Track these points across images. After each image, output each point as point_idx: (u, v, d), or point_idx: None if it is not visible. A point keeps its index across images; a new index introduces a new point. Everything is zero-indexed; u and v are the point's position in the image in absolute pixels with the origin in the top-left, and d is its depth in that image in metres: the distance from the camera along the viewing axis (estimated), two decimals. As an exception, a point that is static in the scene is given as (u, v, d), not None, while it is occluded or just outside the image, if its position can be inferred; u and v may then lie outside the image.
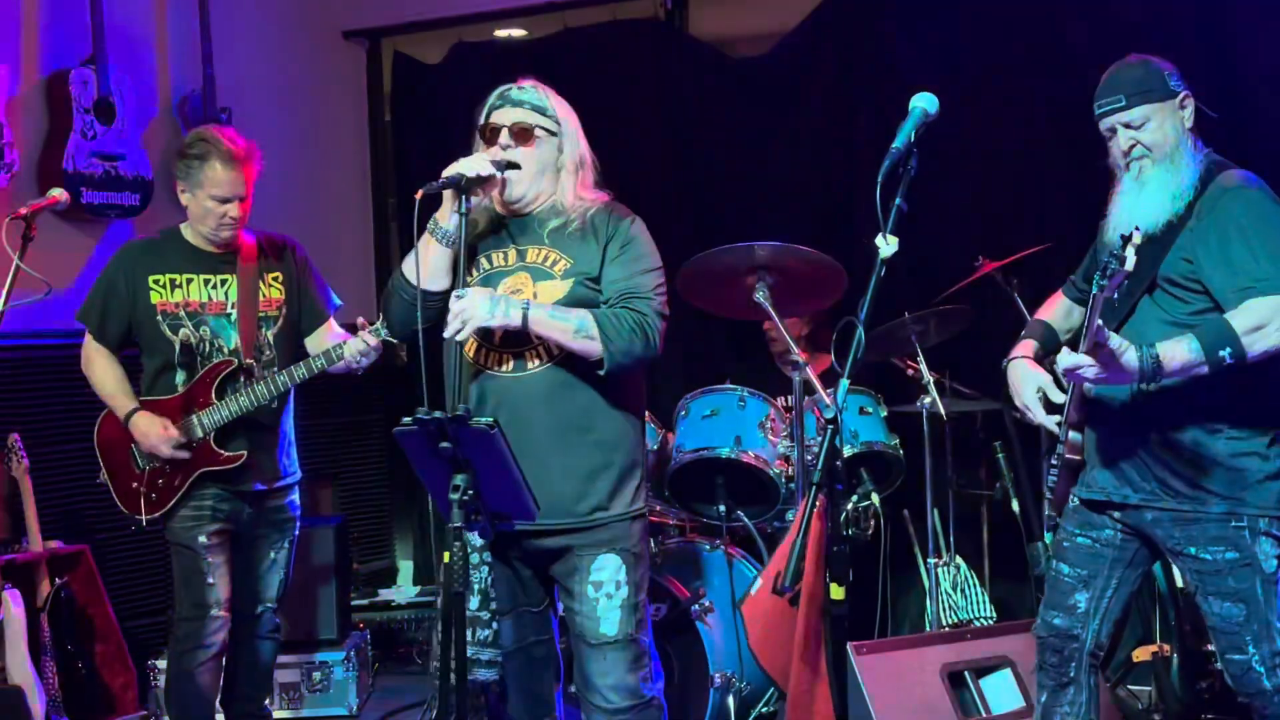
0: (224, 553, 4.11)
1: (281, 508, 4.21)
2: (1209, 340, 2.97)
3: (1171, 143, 3.20)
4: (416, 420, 2.96)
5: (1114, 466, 3.27)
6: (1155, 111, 3.20)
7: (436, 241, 3.32)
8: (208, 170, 3.98)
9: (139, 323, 4.08)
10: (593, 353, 3.24)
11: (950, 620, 4.74)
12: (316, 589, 5.30)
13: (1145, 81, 3.21)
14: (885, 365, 5.14)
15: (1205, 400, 3.14)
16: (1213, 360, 2.97)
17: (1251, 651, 3.13)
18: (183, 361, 4.05)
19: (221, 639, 4.11)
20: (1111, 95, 3.23)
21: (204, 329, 4.07)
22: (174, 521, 4.08)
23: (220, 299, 4.10)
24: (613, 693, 3.35)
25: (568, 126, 3.40)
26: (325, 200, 6.64)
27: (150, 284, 4.07)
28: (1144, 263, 3.19)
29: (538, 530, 3.30)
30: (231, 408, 4.01)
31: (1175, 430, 3.17)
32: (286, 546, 4.23)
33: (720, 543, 4.65)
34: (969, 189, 5.75)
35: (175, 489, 4.04)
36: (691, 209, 6.31)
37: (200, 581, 4.06)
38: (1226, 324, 2.99)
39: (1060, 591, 3.38)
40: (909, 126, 2.91)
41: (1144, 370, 2.95)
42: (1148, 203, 3.19)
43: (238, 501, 4.11)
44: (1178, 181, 3.18)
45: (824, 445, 2.71)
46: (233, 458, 4.04)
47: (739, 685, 4.33)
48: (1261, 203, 3.11)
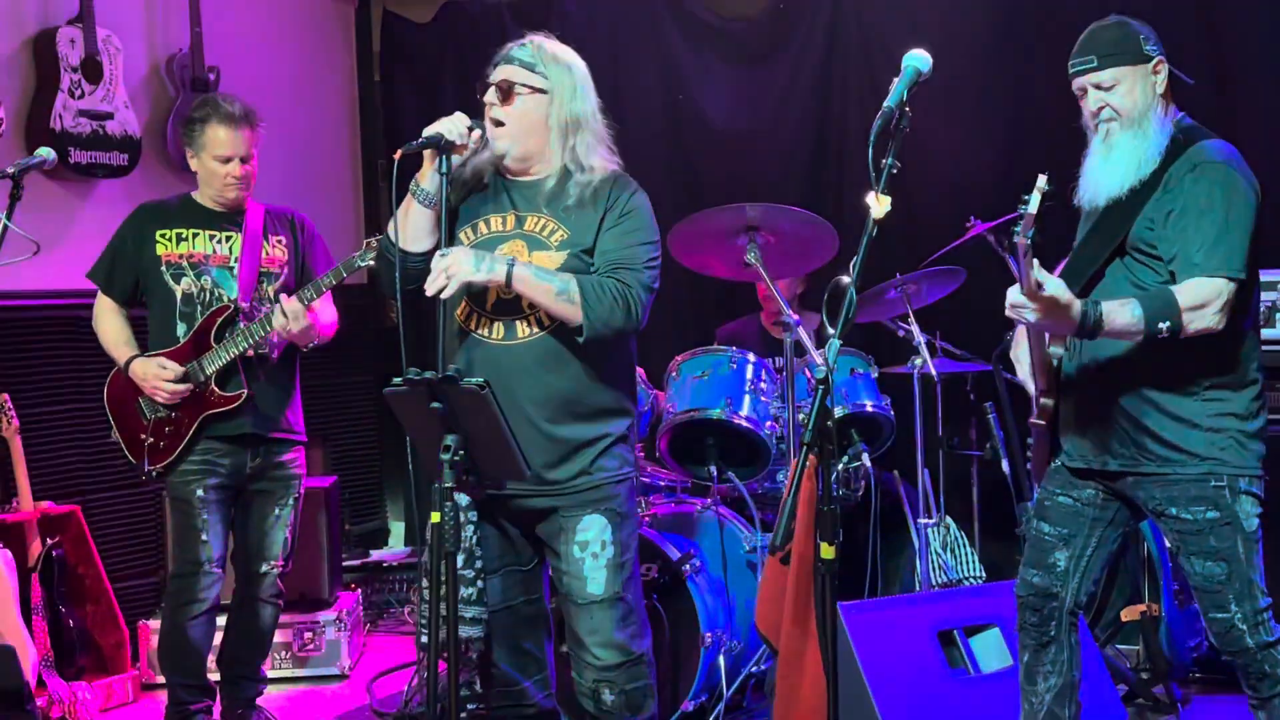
0: (221, 510, 4.17)
1: (284, 465, 4.27)
2: (1151, 311, 2.99)
3: (1140, 108, 3.18)
4: (407, 380, 2.96)
5: (1092, 434, 3.28)
6: (1126, 75, 3.18)
7: (418, 203, 3.31)
8: (209, 131, 4.13)
9: (145, 273, 4.19)
10: (572, 318, 3.23)
11: (940, 580, 4.75)
12: (308, 550, 5.29)
13: (1119, 44, 3.18)
14: (877, 326, 5.14)
15: (1181, 364, 3.15)
16: (1150, 330, 2.99)
17: (1234, 610, 3.14)
18: (184, 312, 4.15)
19: (214, 595, 4.17)
20: (1084, 55, 3.21)
21: (205, 279, 4.17)
22: (174, 475, 4.15)
23: (224, 253, 4.20)
24: (602, 650, 3.37)
25: (560, 84, 3.35)
26: (314, 160, 6.60)
27: (157, 237, 4.19)
28: (1112, 226, 3.22)
29: (525, 492, 3.31)
30: (230, 350, 4.08)
31: (1151, 395, 3.18)
32: (290, 504, 4.29)
33: (711, 503, 4.66)
34: (961, 149, 5.75)
35: (181, 436, 4.12)
36: (683, 169, 6.30)
37: (194, 537, 4.12)
38: (1172, 297, 3.00)
39: (1041, 550, 3.39)
40: (901, 85, 2.89)
41: (1085, 325, 2.97)
42: (1113, 168, 3.19)
43: (240, 454, 4.17)
44: (1144, 148, 3.17)
45: (814, 405, 2.71)
46: (233, 397, 4.11)
47: (730, 644, 4.35)
48: (1228, 183, 3.09)
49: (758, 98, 6.20)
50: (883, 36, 5.87)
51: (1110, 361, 3.21)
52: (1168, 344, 3.11)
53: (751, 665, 4.43)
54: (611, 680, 3.39)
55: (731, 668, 4.34)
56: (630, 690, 3.40)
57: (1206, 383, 3.16)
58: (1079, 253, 3.29)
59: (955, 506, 5.05)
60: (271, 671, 5.12)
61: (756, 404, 4.61)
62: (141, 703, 4.90)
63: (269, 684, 4.55)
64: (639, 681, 3.42)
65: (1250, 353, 3.20)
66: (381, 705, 4.87)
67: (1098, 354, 3.24)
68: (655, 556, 4.35)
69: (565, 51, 3.42)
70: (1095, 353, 3.24)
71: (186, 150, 4.22)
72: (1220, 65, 5.28)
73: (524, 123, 3.34)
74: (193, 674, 4.23)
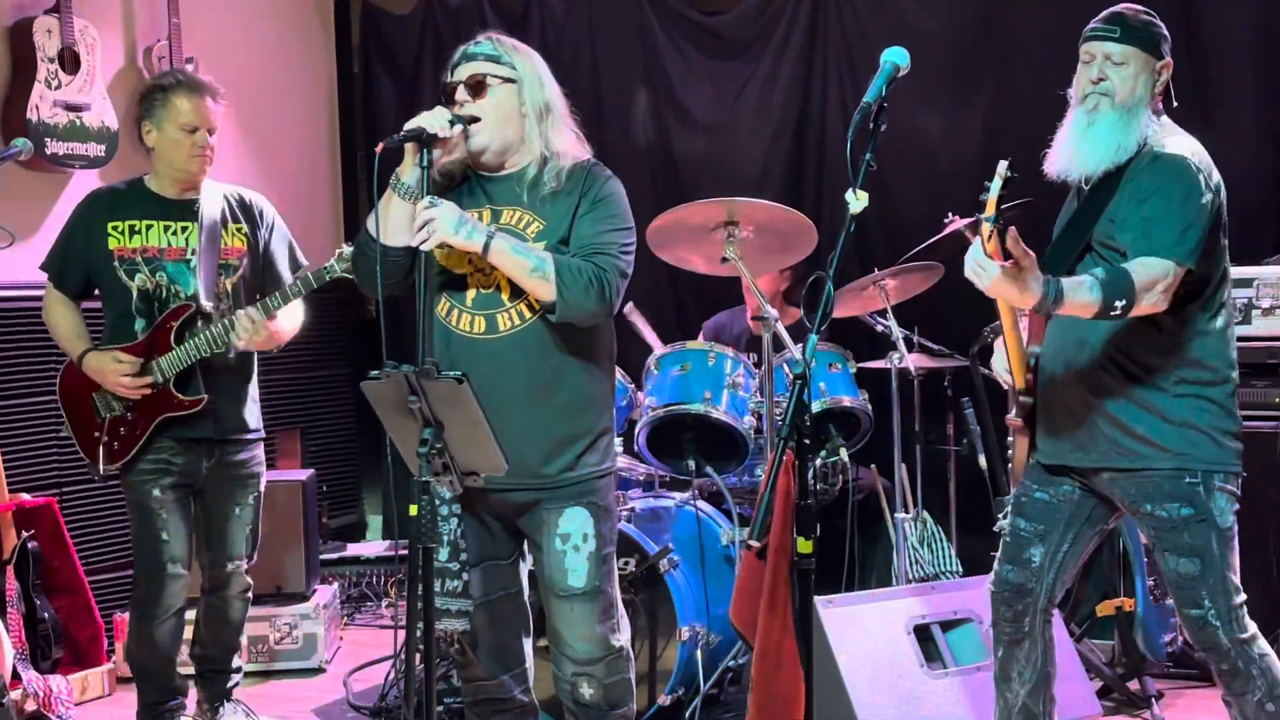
0: (180, 510, 4.10)
1: (243, 462, 4.19)
2: (1110, 291, 2.97)
3: (1135, 97, 3.18)
4: (384, 373, 2.95)
5: (1067, 430, 3.29)
6: (1137, 59, 3.18)
7: (399, 197, 3.29)
8: (174, 100, 4.00)
9: (97, 269, 4.07)
10: (545, 295, 3.23)
11: (917, 575, 4.77)
12: (285, 543, 5.28)
13: (1144, 29, 3.20)
14: (855, 321, 5.15)
15: (1156, 361, 3.17)
16: (1106, 308, 2.98)
17: (1208, 606, 3.15)
18: (140, 309, 4.04)
19: (180, 598, 4.12)
20: (1109, 24, 3.20)
21: (161, 275, 4.04)
22: (131, 475, 4.07)
23: (179, 245, 4.07)
24: (581, 643, 3.37)
25: (527, 72, 3.36)
26: (292, 153, 6.58)
27: (109, 230, 4.06)
28: (1081, 222, 3.23)
29: (505, 486, 3.30)
30: (190, 351, 3.98)
31: (1127, 391, 3.19)
32: (251, 502, 4.22)
33: (689, 498, 4.67)
34: (940, 145, 5.76)
35: (136, 438, 4.02)
36: (663, 163, 6.30)
37: (154, 539, 4.06)
38: (1129, 277, 2.99)
39: (1016, 545, 3.39)
40: (880, 81, 2.90)
41: (1044, 301, 2.94)
42: (1091, 145, 3.18)
43: (196, 455, 4.09)
44: (1125, 134, 3.17)
45: (792, 400, 2.72)
46: (193, 402, 4.01)
47: (707, 639, 4.36)
48: (1183, 173, 3.09)
49: (737, 92, 6.20)
50: (863, 31, 5.88)
51: (1086, 359, 3.23)
52: (1143, 341, 3.14)
53: (729, 659, 4.44)
54: (591, 674, 3.39)
55: (709, 661, 4.35)
56: (609, 684, 3.40)
57: (1181, 379, 3.17)
58: (1057, 244, 3.30)
59: (932, 501, 5.06)
60: (247, 665, 5.09)
61: (735, 399, 4.61)
62: (116, 696, 4.88)
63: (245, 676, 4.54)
64: (618, 675, 3.43)
65: (1225, 349, 3.21)
66: (358, 699, 4.87)
67: (1073, 351, 3.25)
68: (633, 550, 4.35)
69: (520, 43, 3.43)
70: (1071, 350, 3.25)
71: (143, 125, 4.06)
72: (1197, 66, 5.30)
73: (500, 114, 3.34)
74: (162, 675, 4.19)
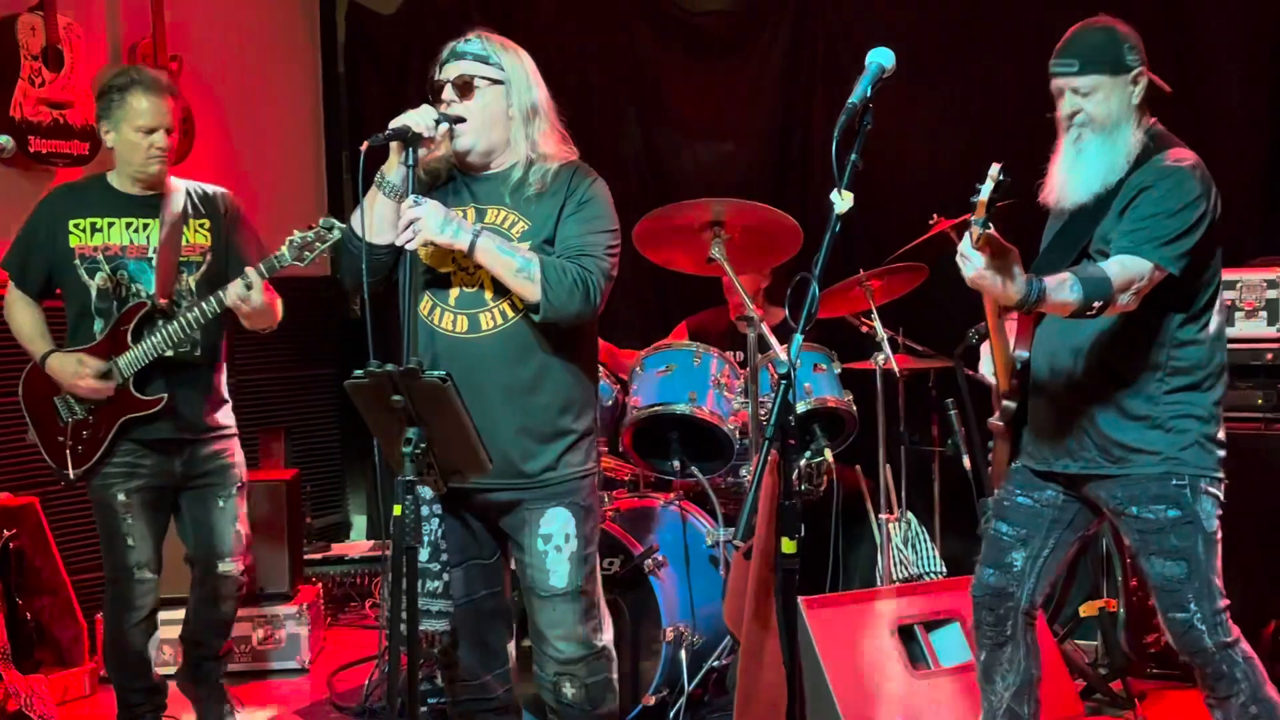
0: (146, 513, 4.03)
1: (217, 455, 4.11)
2: (1089, 291, 2.97)
3: (1114, 118, 3.18)
4: (368, 373, 2.94)
5: (1053, 436, 3.29)
6: (1104, 84, 3.18)
7: (383, 195, 3.29)
8: (130, 100, 3.92)
9: (58, 268, 4.02)
10: (530, 296, 3.22)
11: (901, 575, 4.77)
12: (268, 543, 5.27)
13: (1102, 51, 3.18)
14: (840, 322, 5.15)
15: (1144, 367, 3.17)
16: (1083, 307, 2.98)
17: (1193, 609, 3.15)
18: (100, 308, 3.98)
19: (150, 601, 4.06)
20: (1067, 58, 3.21)
21: (122, 273, 3.98)
22: (95, 478, 4.01)
23: (141, 243, 4.01)
24: (563, 643, 3.37)
25: (516, 74, 3.36)
26: (278, 152, 6.57)
27: (70, 228, 4.00)
28: (1077, 231, 3.23)
29: (488, 486, 3.30)
30: (148, 350, 3.92)
31: (1114, 397, 3.20)
32: (233, 494, 4.14)
33: (674, 498, 4.67)
34: (925, 145, 5.77)
35: (100, 441, 3.97)
36: (649, 162, 6.30)
37: (120, 544, 4.01)
38: (1108, 279, 2.99)
39: (998, 549, 3.40)
40: (865, 82, 2.90)
41: (1026, 299, 2.93)
42: (1081, 173, 3.20)
43: (165, 456, 4.04)
44: (1113, 156, 3.18)
45: (777, 400, 2.72)
46: (152, 402, 3.95)
47: (691, 639, 4.35)
48: (1179, 183, 3.08)
49: (724, 92, 6.21)
50: (849, 31, 5.89)
51: (1076, 365, 3.23)
52: (1133, 348, 3.14)
53: (713, 659, 4.44)
54: (572, 674, 3.39)
55: (693, 662, 4.34)
56: (591, 684, 3.40)
57: (1169, 385, 3.17)
58: (1046, 255, 3.31)
59: (916, 502, 5.07)
60: (231, 665, 5.08)
61: (720, 399, 4.61)
62: (98, 696, 4.87)
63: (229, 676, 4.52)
64: (600, 675, 3.43)
65: (1213, 356, 3.21)
66: (342, 699, 4.86)
67: (1063, 357, 3.25)
68: (618, 550, 4.35)
69: (509, 41, 3.42)
70: (1061, 356, 3.26)
71: (101, 126, 3.98)
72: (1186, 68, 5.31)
73: (486, 115, 3.33)
74: (139, 676, 4.14)
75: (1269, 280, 4.69)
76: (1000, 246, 2.85)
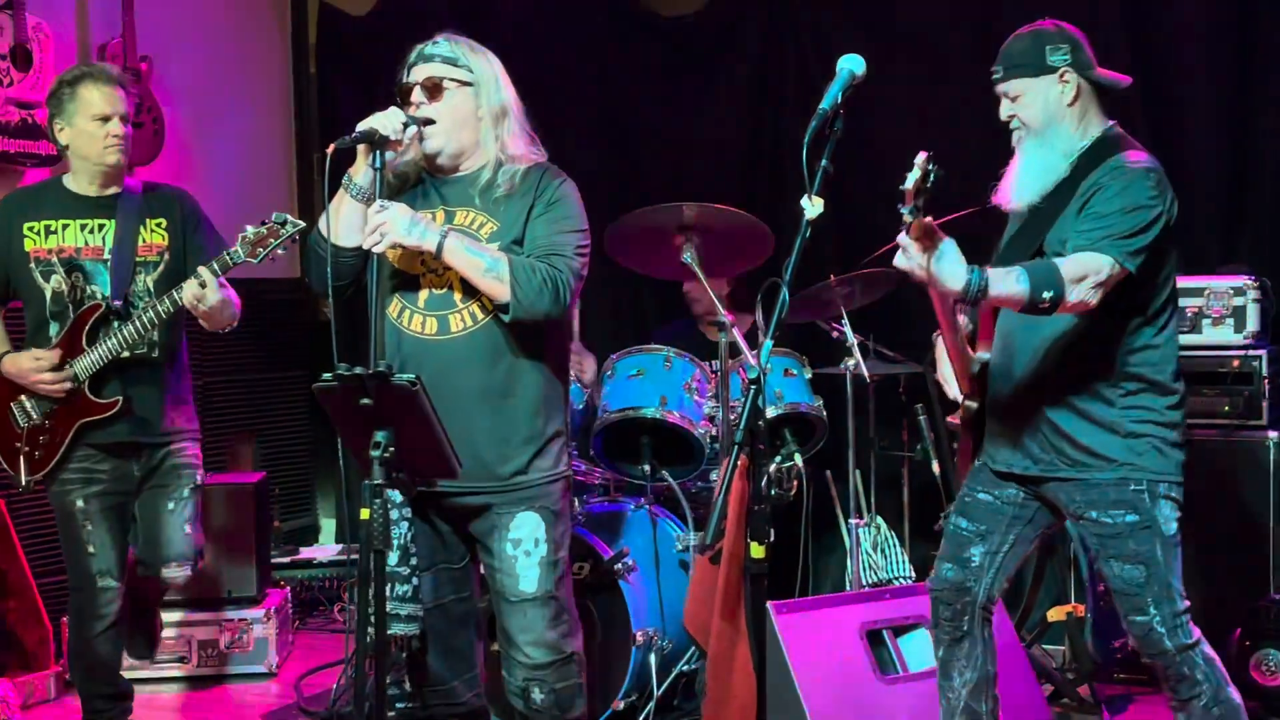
0: (107, 520, 3.98)
1: (173, 461, 4.05)
2: (1037, 281, 2.96)
3: (1043, 119, 3.21)
4: (337, 376, 2.93)
5: (1013, 438, 3.31)
6: (1029, 86, 3.21)
7: (351, 197, 3.28)
8: (83, 92, 3.89)
9: (15, 272, 3.97)
10: (499, 295, 3.22)
11: (870, 580, 4.79)
12: (236, 546, 5.25)
13: (1023, 55, 3.21)
14: (810, 327, 5.17)
15: (1102, 370, 3.18)
16: (1034, 299, 2.96)
17: (1153, 613, 3.17)
18: (55, 312, 3.94)
19: (114, 609, 4.00)
20: (996, 64, 3.27)
21: (77, 275, 3.93)
22: (54, 484, 3.97)
23: (97, 244, 3.96)
24: (532, 648, 3.36)
25: (484, 75, 3.36)
26: (248, 154, 6.54)
27: (25, 231, 3.95)
28: (1030, 231, 3.25)
29: (458, 490, 3.29)
30: (104, 352, 3.87)
31: (1072, 401, 3.21)
32: (187, 495, 4.06)
33: (645, 502, 4.67)
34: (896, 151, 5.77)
35: (57, 445, 3.92)
36: (620, 167, 6.29)
37: (80, 550, 3.96)
38: (1056, 269, 2.99)
39: (957, 544, 3.42)
40: (836, 88, 2.91)
41: (968, 290, 2.91)
42: (1021, 177, 3.24)
43: (123, 461, 3.99)
44: (1047, 158, 3.20)
45: (746, 405, 2.72)
46: (108, 405, 3.90)
47: (661, 644, 4.35)
48: (1134, 183, 3.09)
49: (694, 97, 6.21)
50: (820, 37, 5.90)
51: (1034, 369, 3.25)
52: (1090, 352, 3.16)
53: (682, 664, 4.44)
54: (542, 679, 3.38)
55: (662, 666, 4.35)
56: (560, 689, 3.39)
57: (1127, 389, 3.19)
58: (1001, 256, 3.32)
59: (886, 507, 5.08)
60: (198, 669, 5.08)
61: (691, 403, 4.61)
62: (64, 700, 4.83)
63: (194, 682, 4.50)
64: (569, 680, 3.42)
65: (1170, 360, 3.23)
66: (309, 704, 4.84)
67: (1022, 360, 3.27)
68: (588, 555, 4.35)
69: (477, 44, 3.43)
70: (1019, 359, 3.27)
71: (55, 124, 3.92)
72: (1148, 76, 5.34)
73: (455, 117, 3.33)
74: (105, 683, 4.10)
75: (1235, 288, 4.72)
76: (932, 233, 2.83)
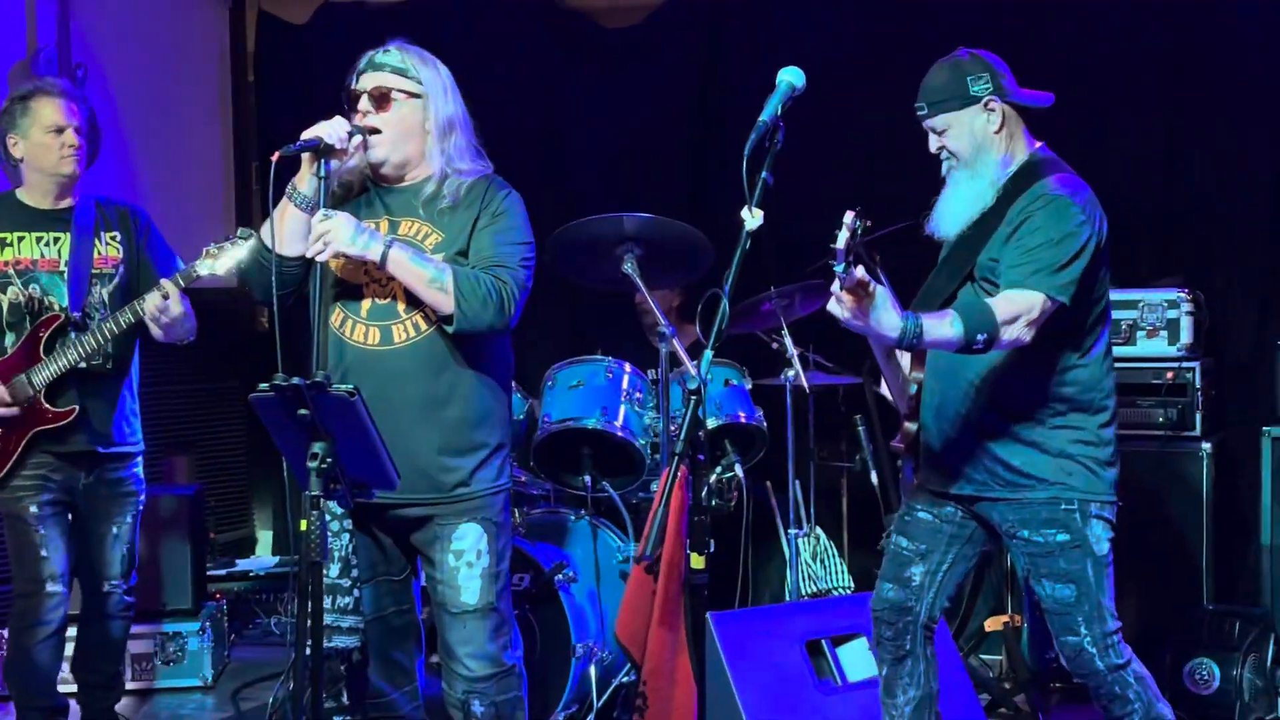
0: (59, 525, 4.01)
1: (121, 479, 4.11)
2: (971, 325, 2.97)
3: (971, 149, 3.24)
4: (274, 386, 2.91)
5: (947, 460, 3.33)
6: (954, 120, 3.24)
7: (295, 206, 3.26)
8: (35, 106, 3.98)
9: None
10: (443, 307, 3.21)
11: (809, 590, 4.80)
12: (170, 558, 5.20)
13: (945, 89, 3.24)
14: (751, 338, 5.18)
15: (1033, 392, 3.21)
16: (968, 341, 2.97)
17: (1084, 633, 3.19)
18: (11, 322, 3.96)
19: (60, 616, 4.01)
20: (920, 101, 3.29)
21: (34, 286, 3.97)
22: (4, 491, 3.96)
23: (53, 256, 4.01)
24: (473, 660, 3.35)
25: (434, 88, 3.35)
26: (185, 163, 6.48)
27: None
28: (961, 257, 3.28)
29: (399, 501, 3.28)
30: (60, 362, 3.89)
31: (1003, 423, 3.23)
32: (129, 521, 4.14)
33: (585, 513, 4.66)
34: (835, 164, 5.82)
35: (9, 453, 3.93)
36: (561, 179, 6.29)
37: (33, 555, 3.96)
38: (990, 311, 3.00)
39: (898, 564, 3.43)
40: (775, 100, 2.93)
41: (904, 338, 2.91)
42: (951, 206, 3.28)
43: (72, 470, 4.01)
44: (978, 187, 3.24)
45: (687, 416, 2.72)
46: (63, 414, 3.93)
47: (601, 655, 4.35)
48: (1062, 212, 3.10)
49: (634, 107, 6.22)
50: (761, 48, 5.93)
51: (963, 391, 3.27)
52: (1019, 373, 3.18)
53: (622, 675, 4.43)
54: (482, 692, 3.36)
55: (602, 678, 4.34)
56: (500, 702, 3.38)
57: (1056, 409, 3.21)
58: (932, 281, 3.35)
59: (825, 517, 5.10)
60: (132, 682, 5.00)
61: (632, 414, 4.61)
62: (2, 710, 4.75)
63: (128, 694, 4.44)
64: (510, 693, 3.41)
65: (1102, 380, 3.25)
66: (246, 717, 4.79)
67: (951, 383, 3.29)
68: (528, 566, 4.34)
69: (428, 54, 3.42)
70: (949, 382, 3.29)
71: (9, 139, 4.00)
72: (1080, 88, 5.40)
73: (402, 128, 3.32)
74: (42, 695, 4.07)
75: (1169, 300, 4.78)
76: (865, 285, 2.82)
